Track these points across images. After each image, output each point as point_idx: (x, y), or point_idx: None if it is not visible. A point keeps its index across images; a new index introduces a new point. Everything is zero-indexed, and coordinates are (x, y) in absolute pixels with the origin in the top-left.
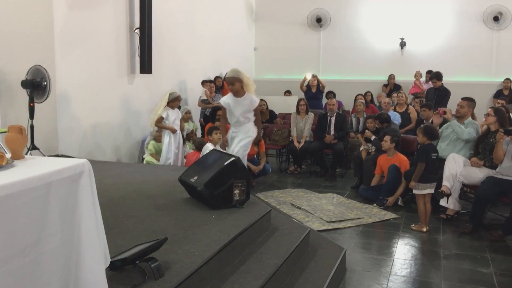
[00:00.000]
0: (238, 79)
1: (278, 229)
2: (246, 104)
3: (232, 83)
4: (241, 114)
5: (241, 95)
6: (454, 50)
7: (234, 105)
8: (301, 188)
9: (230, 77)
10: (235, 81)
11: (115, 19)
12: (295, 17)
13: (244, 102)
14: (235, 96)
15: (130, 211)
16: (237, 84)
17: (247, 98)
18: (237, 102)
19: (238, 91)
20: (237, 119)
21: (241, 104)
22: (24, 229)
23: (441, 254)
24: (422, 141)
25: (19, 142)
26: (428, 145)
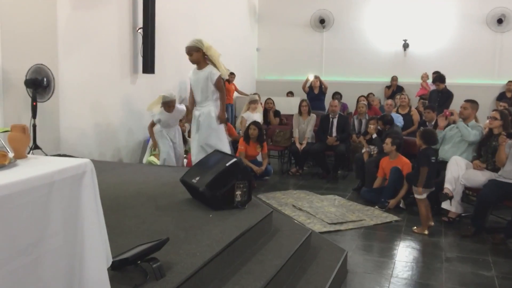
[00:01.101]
0: (195, 48)
1: (280, 231)
2: (203, 78)
3: (189, 52)
4: (200, 90)
5: (201, 67)
6: (457, 52)
7: (195, 79)
8: (302, 189)
9: (186, 46)
10: (191, 50)
11: (118, 19)
12: (298, 18)
13: (202, 75)
14: (197, 68)
15: (131, 211)
16: (194, 55)
17: (206, 70)
18: (197, 75)
19: (199, 62)
20: (197, 96)
21: (200, 77)
22: (26, 229)
23: (442, 257)
24: (419, 145)
25: (22, 142)
26: (428, 149)
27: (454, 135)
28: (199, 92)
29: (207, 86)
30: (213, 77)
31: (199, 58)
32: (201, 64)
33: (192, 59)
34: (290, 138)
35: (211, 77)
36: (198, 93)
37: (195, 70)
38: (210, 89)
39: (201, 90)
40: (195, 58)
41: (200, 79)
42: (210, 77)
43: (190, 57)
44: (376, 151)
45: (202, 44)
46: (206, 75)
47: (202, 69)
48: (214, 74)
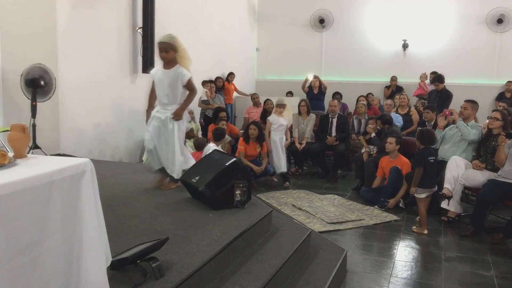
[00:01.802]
0: (173, 46)
1: (279, 230)
2: (173, 78)
3: (166, 50)
4: (167, 90)
5: (170, 66)
6: (456, 52)
7: (161, 78)
8: (302, 189)
9: (164, 42)
10: (169, 48)
11: (118, 18)
12: (297, 18)
13: (171, 75)
14: (165, 67)
15: (131, 211)
16: (171, 53)
17: (175, 70)
18: (164, 74)
19: (170, 61)
20: (162, 97)
21: (168, 77)
22: (25, 228)
23: (442, 256)
24: (418, 145)
25: (21, 141)
26: (424, 149)
27: (454, 135)
28: (165, 93)
29: (176, 87)
30: (184, 78)
31: (173, 57)
32: (171, 63)
33: (167, 56)
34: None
35: (182, 78)
36: (165, 94)
37: (161, 69)
38: (180, 91)
39: (169, 91)
40: (170, 56)
41: (168, 79)
42: (181, 78)
43: (165, 54)
44: (375, 150)
45: (179, 46)
46: (176, 75)
47: (170, 68)
48: (185, 75)
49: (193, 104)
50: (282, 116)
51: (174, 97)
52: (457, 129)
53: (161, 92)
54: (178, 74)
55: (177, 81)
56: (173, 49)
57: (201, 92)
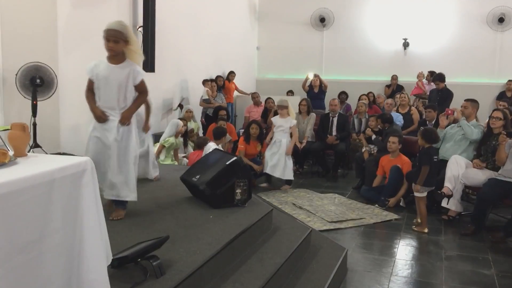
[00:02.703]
0: (124, 36)
1: (280, 229)
2: (123, 76)
3: (116, 39)
4: (116, 91)
5: (119, 61)
6: (457, 51)
7: (107, 76)
8: (302, 188)
9: (113, 29)
10: (120, 37)
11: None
12: (298, 16)
13: (120, 73)
14: (111, 62)
15: (132, 210)
16: (121, 44)
17: (126, 66)
18: (111, 71)
19: (118, 55)
20: (109, 99)
21: (116, 75)
22: (26, 226)
23: (442, 255)
24: (421, 144)
25: (21, 140)
26: (430, 148)
27: (455, 134)
28: (114, 94)
29: (127, 87)
30: (137, 77)
31: (120, 50)
32: (119, 57)
33: (116, 48)
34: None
35: (135, 77)
36: (113, 95)
37: (106, 63)
38: (132, 93)
39: (118, 91)
40: (119, 48)
41: (116, 78)
42: (133, 77)
43: (114, 44)
44: (375, 150)
45: (130, 37)
46: (127, 73)
47: (118, 64)
48: (139, 73)
49: (195, 102)
50: (285, 117)
51: (125, 100)
52: (458, 128)
53: (107, 93)
54: (130, 72)
55: (128, 80)
56: (124, 40)
57: (202, 91)
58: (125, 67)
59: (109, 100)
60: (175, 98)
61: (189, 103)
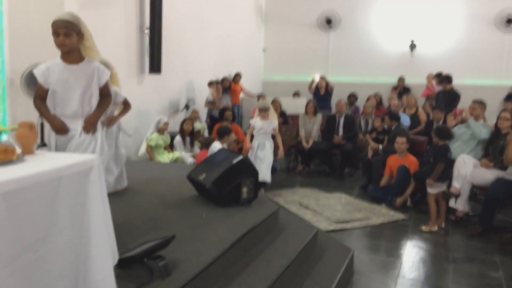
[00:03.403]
0: (77, 27)
1: (286, 229)
2: (87, 77)
3: (67, 32)
4: (79, 96)
5: (77, 60)
6: (464, 52)
7: (66, 79)
8: (309, 187)
9: (63, 20)
10: (71, 30)
11: (125, 19)
12: (304, 18)
13: (83, 74)
14: (67, 61)
15: (138, 209)
16: (73, 38)
17: (88, 66)
18: (70, 72)
19: (74, 51)
20: (70, 106)
21: (78, 76)
22: (33, 224)
23: (450, 256)
24: (436, 142)
25: (29, 138)
26: (445, 145)
27: (462, 134)
28: (77, 100)
29: (92, 91)
30: (102, 77)
31: (75, 45)
32: (76, 56)
33: (69, 42)
34: (296, 137)
35: (100, 77)
36: (75, 101)
37: (63, 65)
38: (97, 96)
39: (82, 96)
40: (73, 43)
41: (78, 80)
42: (98, 77)
43: (66, 38)
44: (381, 148)
45: (86, 30)
46: (90, 73)
47: (78, 63)
48: (104, 72)
49: (201, 103)
50: (265, 120)
51: (90, 106)
52: (465, 128)
53: (67, 100)
54: (94, 72)
55: (93, 82)
56: (77, 33)
57: (208, 92)
58: (87, 67)
59: (71, 108)
60: (182, 99)
61: (195, 104)
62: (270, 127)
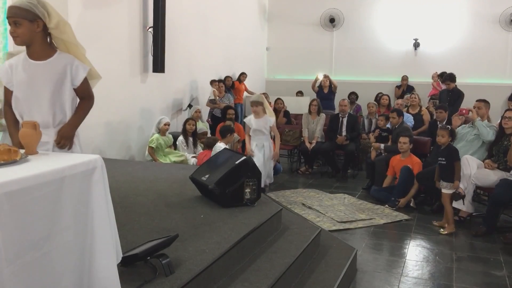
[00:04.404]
0: (30, 14)
1: (289, 229)
2: (57, 74)
3: (16, 21)
4: (49, 99)
5: (45, 55)
6: (468, 51)
7: (30, 78)
8: (312, 188)
9: (10, 6)
10: (20, 17)
11: (129, 18)
12: (308, 17)
13: (51, 71)
14: (32, 57)
15: (141, 208)
16: (25, 26)
17: (58, 60)
18: (36, 70)
19: (33, 44)
20: (37, 112)
21: (46, 74)
22: (37, 223)
23: (453, 256)
24: (446, 142)
25: (32, 138)
26: (453, 145)
27: (467, 134)
28: (44, 104)
29: (63, 91)
30: (77, 73)
31: (35, 36)
32: (40, 49)
33: (20, 33)
34: (299, 137)
35: (74, 73)
36: (43, 106)
37: (28, 61)
38: (70, 98)
39: (51, 99)
40: (25, 33)
41: (44, 78)
42: (71, 73)
43: (15, 28)
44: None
45: (52, 16)
46: (61, 69)
47: (46, 59)
48: (79, 67)
49: (203, 103)
50: (261, 116)
51: (63, 111)
52: (470, 128)
53: (33, 104)
54: (66, 68)
55: (65, 80)
56: (30, 20)
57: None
58: (57, 63)
59: (39, 116)
60: (185, 98)
61: (198, 103)
62: (267, 125)
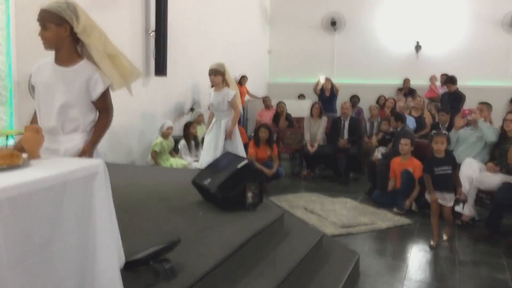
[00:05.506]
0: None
1: (291, 233)
2: (76, 83)
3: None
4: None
5: (69, 61)
6: (470, 53)
7: (49, 83)
8: (314, 192)
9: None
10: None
11: (131, 21)
12: (309, 20)
13: (71, 79)
14: (57, 61)
15: (143, 213)
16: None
17: (82, 69)
18: (56, 75)
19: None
20: (50, 117)
21: (64, 81)
22: (39, 228)
23: (456, 260)
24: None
25: (35, 142)
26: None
27: (469, 136)
28: (55, 111)
29: (79, 102)
30: (97, 86)
31: (62, 41)
32: (66, 54)
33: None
34: (301, 141)
35: (94, 83)
36: (54, 111)
37: (53, 64)
38: (87, 109)
39: (60, 107)
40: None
41: (61, 85)
42: (92, 83)
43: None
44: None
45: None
46: (82, 79)
47: (69, 65)
48: (100, 82)
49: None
50: (220, 89)
51: (74, 120)
52: (472, 130)
53: (47, 109)
54: (86, 79)
55: (81, 91)
56: (57, 24)
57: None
58: (79, 72)
59: (48, 120)
60: (187, 102)
61: (200, 106)
62: (225, 98)
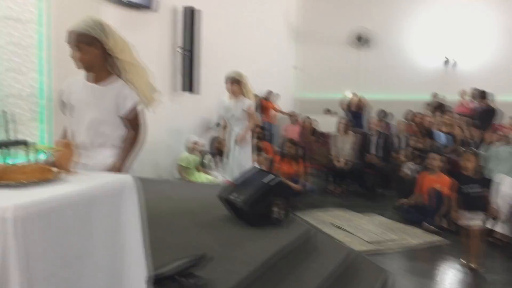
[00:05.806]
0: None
1: (318, 249)
2: (106, 100)
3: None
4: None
5: (100, 78)
6: (503, 67)
7: (81, 99)
8: (341, 207)
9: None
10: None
11: (160, 38)
12: (337, 35)
13: (102, 96)
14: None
15: (169, 227)
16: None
17: (112, 86)
18: (87, 92)
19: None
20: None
21: (95, 98)
22: (69, 242)
23: (489, 280)
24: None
25: (65, 157)
26: None
27: (501, 152)
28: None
29: (109, 118)
30: (126, 102)
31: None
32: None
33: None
34: (328, 156)
35: (123, 101)
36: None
37: (83, 82)
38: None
39: (90, 123)
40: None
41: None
42: (121, 101)
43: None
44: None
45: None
46: (112, 96)
47: (100, 82)
48: (128, 97)
49: None
50: (237, 97)
51: (102, 135)
52: (504, 146)
53: (78, 125)
54: (115, 95)
55: (110, 107)
56: (88, 44)
57: None
58: (108, 88)
59: (80, 135)
60: (214, 117)
61: None
62: (240, 106)
